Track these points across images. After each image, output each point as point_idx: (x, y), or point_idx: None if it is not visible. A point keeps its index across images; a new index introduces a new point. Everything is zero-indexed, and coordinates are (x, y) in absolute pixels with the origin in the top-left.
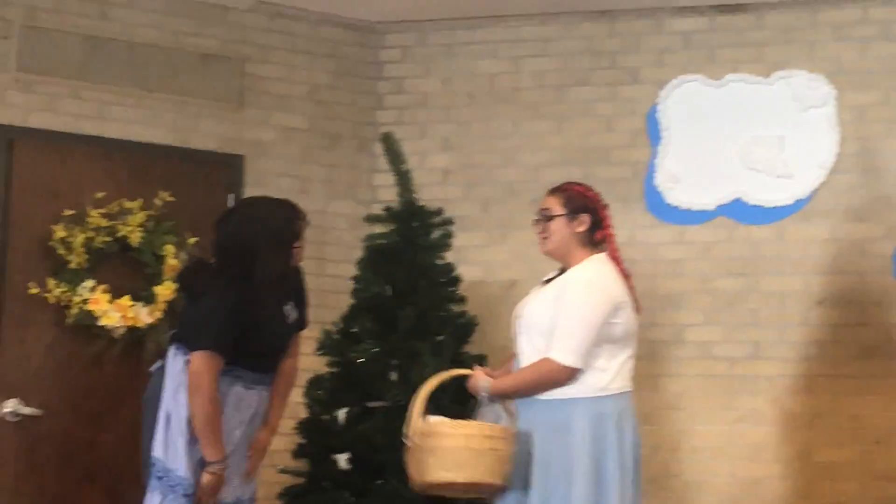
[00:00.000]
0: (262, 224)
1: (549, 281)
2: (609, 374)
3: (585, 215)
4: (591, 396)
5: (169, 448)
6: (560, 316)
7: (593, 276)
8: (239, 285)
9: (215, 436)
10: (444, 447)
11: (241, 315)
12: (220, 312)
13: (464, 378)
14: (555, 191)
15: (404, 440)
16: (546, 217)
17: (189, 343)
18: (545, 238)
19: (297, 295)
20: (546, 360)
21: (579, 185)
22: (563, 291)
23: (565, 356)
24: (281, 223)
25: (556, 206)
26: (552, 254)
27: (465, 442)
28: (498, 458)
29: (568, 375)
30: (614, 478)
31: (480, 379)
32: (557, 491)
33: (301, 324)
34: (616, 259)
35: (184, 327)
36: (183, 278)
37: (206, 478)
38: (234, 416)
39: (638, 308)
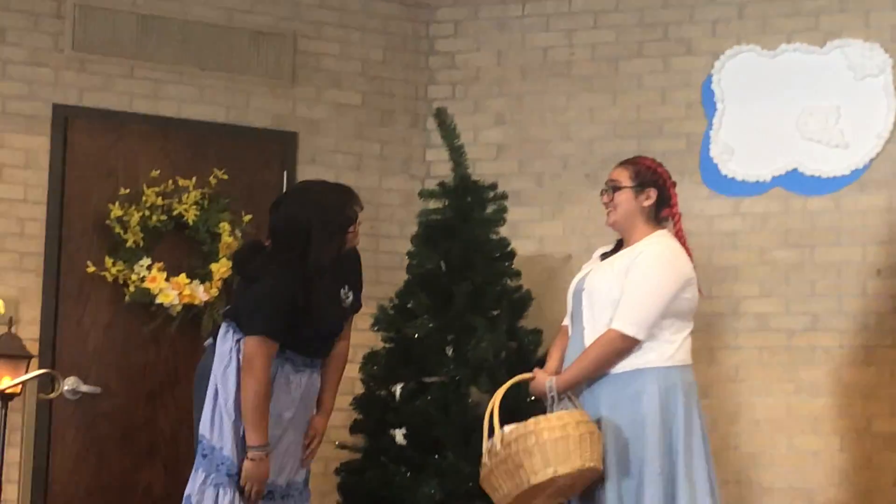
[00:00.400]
0: (317, 208)
1: (606, 255)
2: (674, 347)
3: (653, 190)
4: (660, 367)
5: (215, 426)
6: (628, 287)
7: (665, 250)
8: (293, 270)
9: (261, 421)
10: (543, 442)
11: (294, 300)
12: (273, 297)
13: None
14: (625, 163)
15: (484, 464)
16: (613, 188)
17: (243, 327)
18: (611, 210)
19: (354, 278)
20: (608, 332)
21: (650, 159)
22: (634, 264)
23: (628, 326)
24: (335, 207)
25: (624, 178)
26: (616, 225)
27: (562, 432)
28: (594, 440)
29: (629, 346)
30: (682, 447)
31: (543, 379)
32: (631, 461)
33: (356, 307)
34: (680, 237)
35: (238, 310)
36: (238, 261)
37: (247, 464)
38: (283, 398)
39: (700, 290)
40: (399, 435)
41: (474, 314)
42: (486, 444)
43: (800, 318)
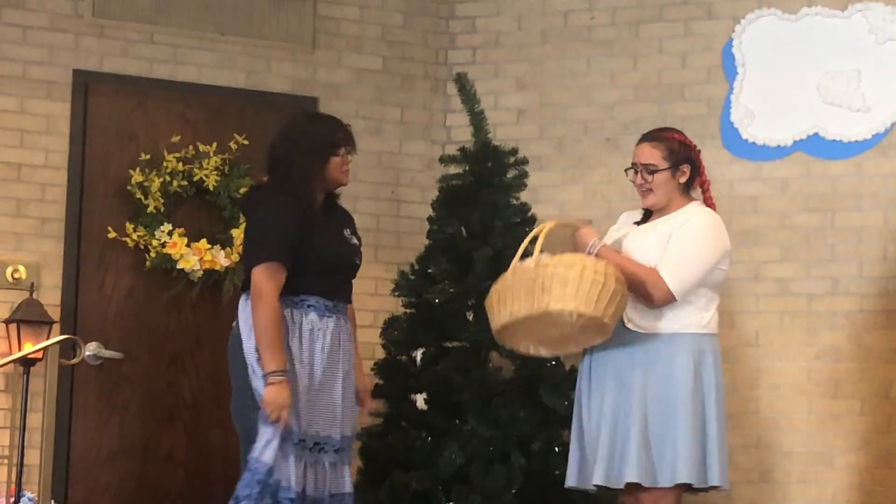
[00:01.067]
0: (302, 135)
1: (639, 222)
2: (709, 315)
3: (686, 165)
4: (694, 333)
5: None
6: (675, 248)
7: (713, 221)
8: (289, 198)
9: (275, 346)
10: (581, 278)
11: (295, 225)
12: (273, 223)
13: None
14: (653, 140)
15: (503, 277)
16: (650, 171)
17: (248, 264)
18: (648, 191)
19: (353, 228)
20: (656, 272)
21: (676, 132)
22: (681, 230)
23: (673, 281)
24: (319, 134)
25: (657, 160)
26: (655, 206)
27: (602, 279)
28: (622, 302)
29: (664, 300)
30: (713, 414)
31: (589, 236)
32: (663, 424)
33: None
34: (710, 205)
35: (243, 255)
36: (241, 203)
37: (267, 390)
38: (312, 347)
39: None
40: (420, 400)
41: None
42: (514, 263)
43: (820, 283)
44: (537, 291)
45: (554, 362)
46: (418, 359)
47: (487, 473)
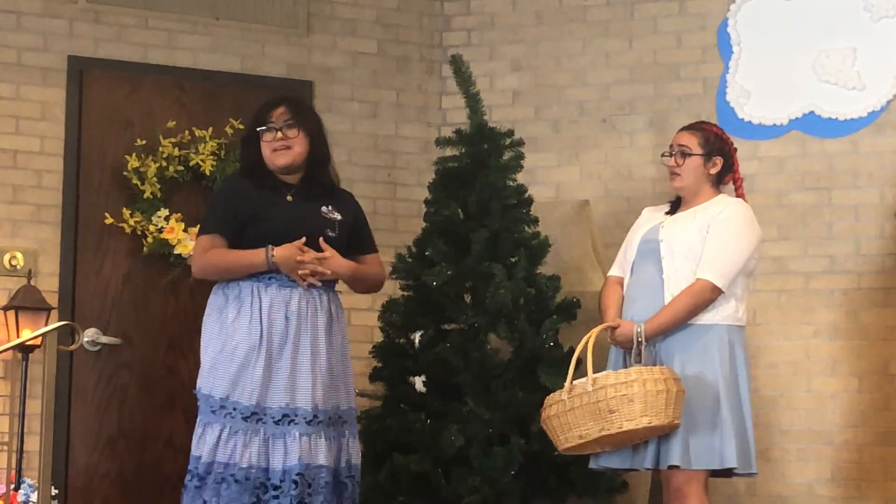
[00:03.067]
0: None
1: (671, 212)
2: (744, 306)
3: (719, 158)
4: (728, 324)
5: (212, 376)
6: (717, 241)
7: (748, 211)
8: (238, 177)
9: (235, 256)
10: (646, 392)
11: (239, 200)
12: (215, 198)
13: None
14: (692, 128)
15: (560, 401)
16: (683, 154)
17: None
18: (678, 174)
19: (344, 208)
20: (698, 282)
21: (716, 126)
22: (718, 220)
23: (717, 278)
24: (254, 113)
25: (693, 145)
26: (683, 190)
27: (664, 385)
28: (681, 399)
29: (714, 297)
30: (748, 402)
31: (629, 327)
32: (703, 414)
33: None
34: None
35: None
36: None
37: (275, 261)
38: (270, 318)
39: None
40: (419, 382)
41: (492, 261)
42: (567, 384)
43: (817, 261)
44: (605, 414)
45: (552, 343)
46: (417, 341)
47: (487, 455)
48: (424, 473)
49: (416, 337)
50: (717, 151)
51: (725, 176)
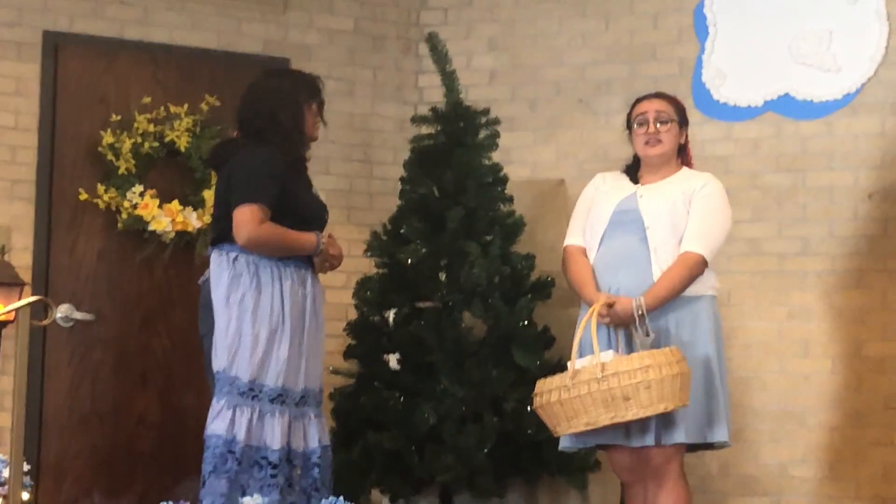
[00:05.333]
0: (276, 88)
1: (634, 180)
2: (716, 276)
3: (685, 128)
4: (712, 295)
5: (230, 358)
6: (705, 215)
7: (723, 188)
8: (270, 146)
9: (294, 238)
10: (662, 378)
11: (282, 172)
12: (256, 164)
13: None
14: (661, 97)
15: (563, 387)
16: (665, 120)
17: (231, 204)
18: (657, 141)
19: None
20: (690, 255)
21: (674, 96)
22: (702, 195)
23: (707, 252)
24: (293, 85)
25: (672, 112)
26: (663, 157)
27: (679, 368)
28: (689, 379)
29: (703, 270)
30: (725, 372)
31: (627, 302)
32: (697, 388)
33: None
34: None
35: (218, 206)
36: (210, 157)
37: (321, 257)
38: (294, 300)
39: None
40: (393, 360)
41: (467, 239)
42: (571, 368)
43: (791, 243)
44: (619, 401)
45: (527, 322)
46: (391, 319)
47: (460, 433)
48: (397, 451)
49: (391, 315)
50: (685, 122)
51: (685, 146)
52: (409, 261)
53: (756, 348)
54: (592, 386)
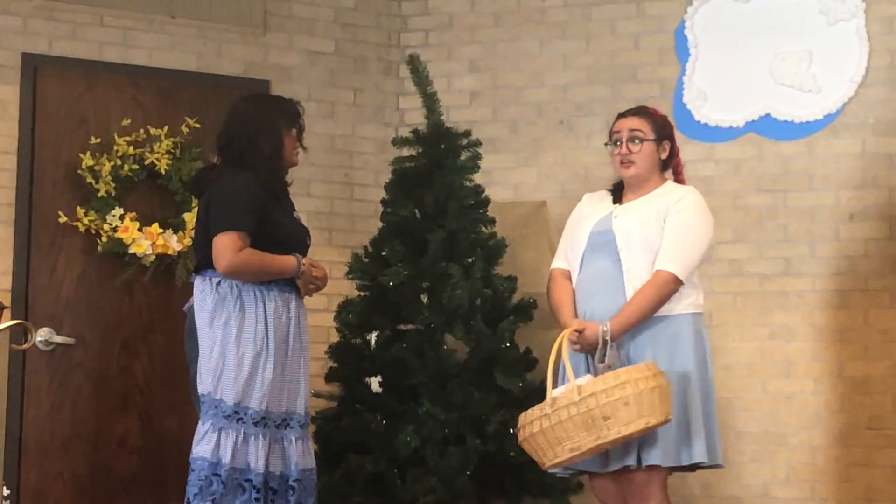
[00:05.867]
0: (255, 114)
1: (617, 200)
2: (701, 294)
3: (668, 142)
4: (693, 313)
5: (214, 381)
6: (677, 231)
7: (702, 199)
8: (248, 171)
9: (272, 261)
10: (639, 392)
11: (262, 198)
12: (239, 191)
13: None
14: (639, 113)
15: (544, 415)
16: (638, 139)
17: (211, 233)
18: (630, 162)
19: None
20: (661, 274)
21: (656, 110)
22: (676, 210)
23: (681, 270)
24: (272, 111)
25: (646, 130)
26: (637, 177)
27: (655, 382)
28: (670, 393)
29: (677, 288)
30: (712, 392)
31: (595, 328)
32: (677, 403)
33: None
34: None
35: (199, 233)
36: (191, 184)
37: (303, 280)
38: (277, 324)
39: None
40: (375, 383)
41: (449, 262)
42: (549, 397)
43: (773, 263)
44: (598, 421)
45: (509, 344)
46: (373, 341)
47: (443, 455)
48: (380, 474)
49: (372, 337)
50: (667, 136)
51: (672, 160)
52: (391, 283)
53: (738, 369)
54: (572, 410)
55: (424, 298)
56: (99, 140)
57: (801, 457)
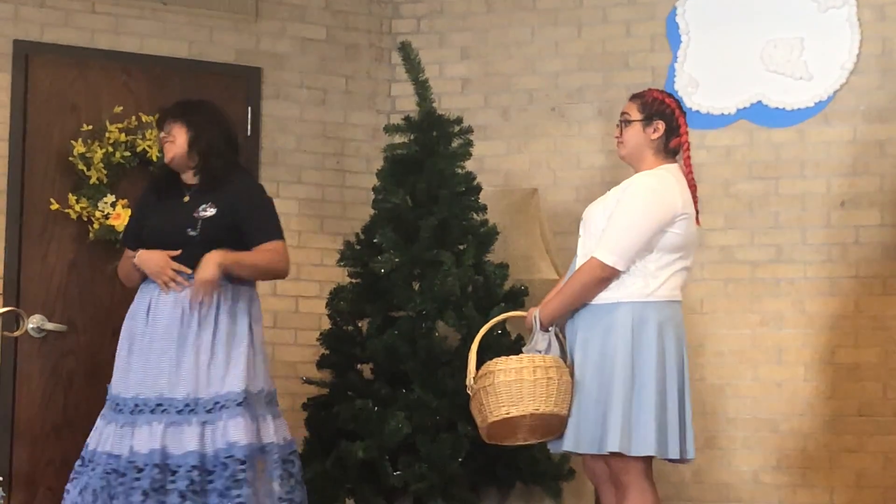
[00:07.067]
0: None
1: None
2: (657, 282)
3: (660, 122)
4: (636, 301)
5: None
6: (614, 217)
7: (656, 183)
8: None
9: (122, 262)
10: (498, 384)
11: (138, 208)
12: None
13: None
14: (634, 96)
15: (468, 391)
16: (624, 122)
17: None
18: (620, 143)
19: (230, 201)
20: (589, 261)
21: (659, 90)
22: (624, 195)
23: (607, 255)
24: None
25: (633, 112)
26: (626, 159)
27: (517, 375)
28: (555, 387)
29: (609, 275)
30: (652, 383)
31: (531, 314)
32: (596, 394)
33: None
34: (687, 166)
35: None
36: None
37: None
38: (134, 312)
39: (697, 220)
40: (366, 370)
41: (440, 249)
42: (471, 370)
43: (764, 250)
44: (480, 406)
45: (500, 331)
46: (364, 328)
47: (434, 442)
48: (371, 461)
49: (364, 324)
50: (658, 115)
51: (671, 140)
52: (383, 270)
53: (729, 356)
54: (472, 392)
55: (416, 285)
56: (91, 127)
57: (792, 443)
